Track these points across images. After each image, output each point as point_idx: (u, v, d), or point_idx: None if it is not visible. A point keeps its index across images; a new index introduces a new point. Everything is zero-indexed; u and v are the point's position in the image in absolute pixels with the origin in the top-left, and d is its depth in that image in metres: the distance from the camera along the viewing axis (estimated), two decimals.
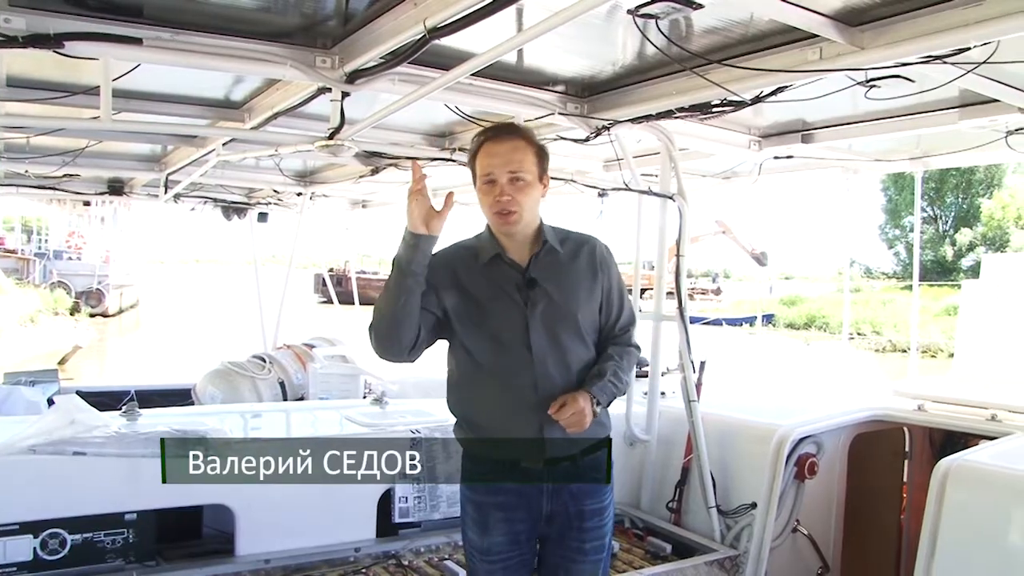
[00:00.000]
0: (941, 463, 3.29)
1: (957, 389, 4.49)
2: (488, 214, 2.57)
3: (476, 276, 2.59)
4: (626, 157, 4.25)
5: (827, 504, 4.42)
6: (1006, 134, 4.21)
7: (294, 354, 6.80)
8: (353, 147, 3.95)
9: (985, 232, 38.44)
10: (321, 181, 6.89)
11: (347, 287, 10.29)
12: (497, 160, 2.51)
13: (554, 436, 2.52)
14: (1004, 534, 3.07)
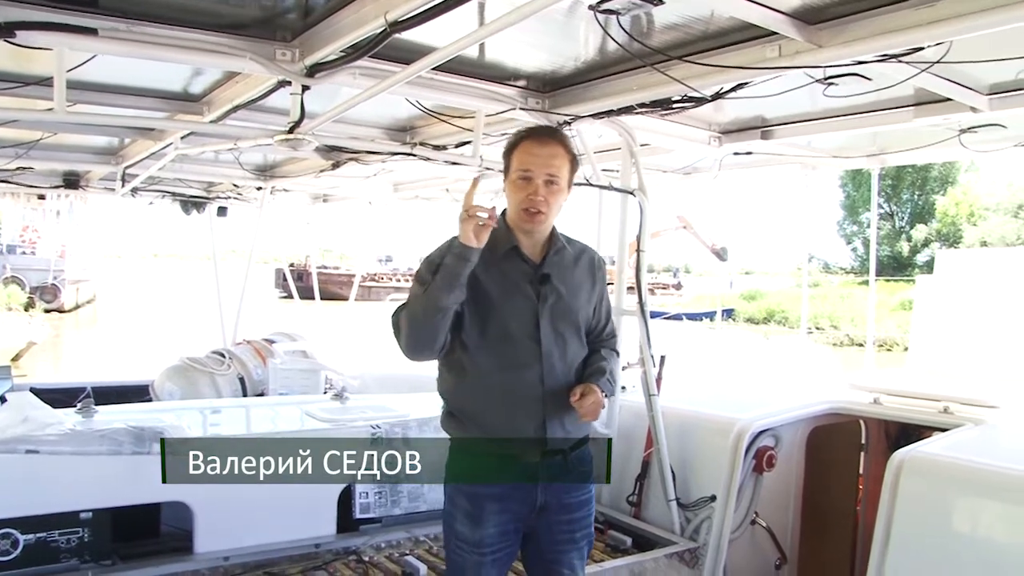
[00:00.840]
0: (895, 455, 3.35)
1: (911, 382, 4.57)
2: (516, 209, 2.64)
3: (490, 267, 2.63)
4: (587, 152, 4.26)
5: (785, 496, 4.48)
6: (959, 132, 4.29)
7: (254, 349, 6.74)
8: (313, 141, 3.92)
9: (940, 228, 39.09)
10: (281, 175, 6.82)
11: (308, 282, 10.23)
12: (537, 160, 2.60)
13: (554, 429, 2.62)
14: (954, 522, 3.14)
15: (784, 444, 4.28)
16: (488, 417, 2.65)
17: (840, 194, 44.01)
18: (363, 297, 27.02)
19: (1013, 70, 3.41)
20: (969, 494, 3.17)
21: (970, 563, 3.05)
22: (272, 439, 3.90)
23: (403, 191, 7.43)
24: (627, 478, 4.41)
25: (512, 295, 2.65)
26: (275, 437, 3.98)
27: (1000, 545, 3.05)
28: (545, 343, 2.62)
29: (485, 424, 2.65)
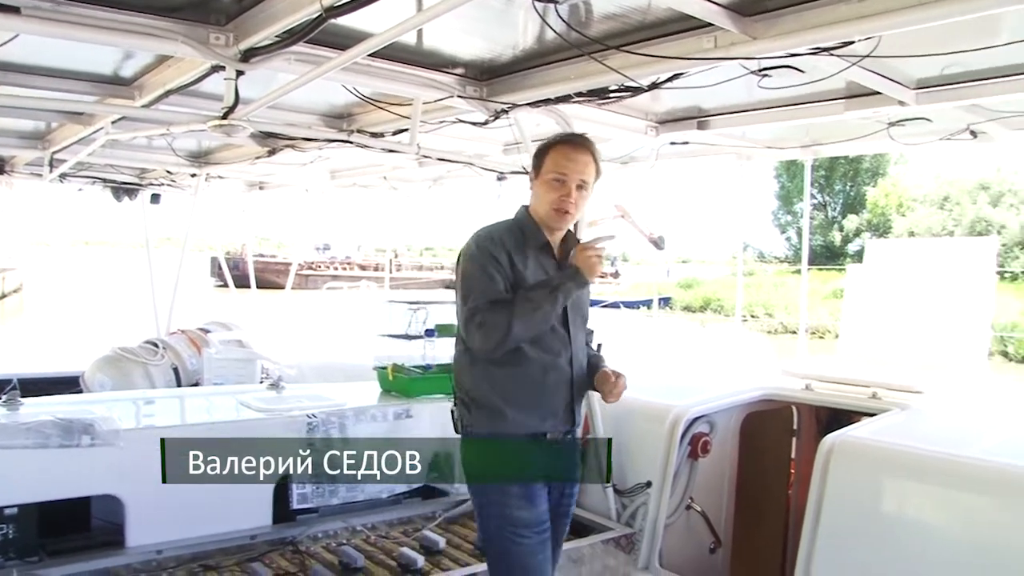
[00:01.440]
0: (825, 439, 3.43)
1: (841, 369, 4.67)
2: (547, 208, 2.85)
3: (527, 260, 2.85)
4: (525, 141, 4.27)
5: (720, 481, 4.55)
6: (887, 125, 4.40)
7: (188, 339, 6.65)
8: (248, 127, 3.86)
9: (870, 219, 39.96)
10: (216, 162, 6.70)
11: (244, 270, 10.10)
12: (573, 166, 2.82)
13: (578, 409, 2.92)
14: (881, 503, 3.23)
15: (719, 430, 4.34)
16: (530, 400, 2.83)
17: (775, 184, 44.77)
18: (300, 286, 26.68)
19: (939, 66, 3.50)
20: (895, 476, 3.26)
21: (896, 542, 3.14)
22: (206, 429, 3.87)
23: (340, 179, 7.36)
24: None
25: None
26: (209, 427, 3.92)
27: (924, 524, 3.15)
28: (572, 331, 2.89)
29: (527, 407, 2.83)
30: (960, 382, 4.52)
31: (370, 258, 48.08)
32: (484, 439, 2.88)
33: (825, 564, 3.29)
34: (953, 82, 3.67)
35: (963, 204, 36.00)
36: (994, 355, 22.67)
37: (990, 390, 4.76)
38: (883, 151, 31.91)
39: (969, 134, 4.38)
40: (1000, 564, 2.87)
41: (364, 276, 32.35)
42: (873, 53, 3.05)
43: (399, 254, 50.03)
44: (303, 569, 3.44)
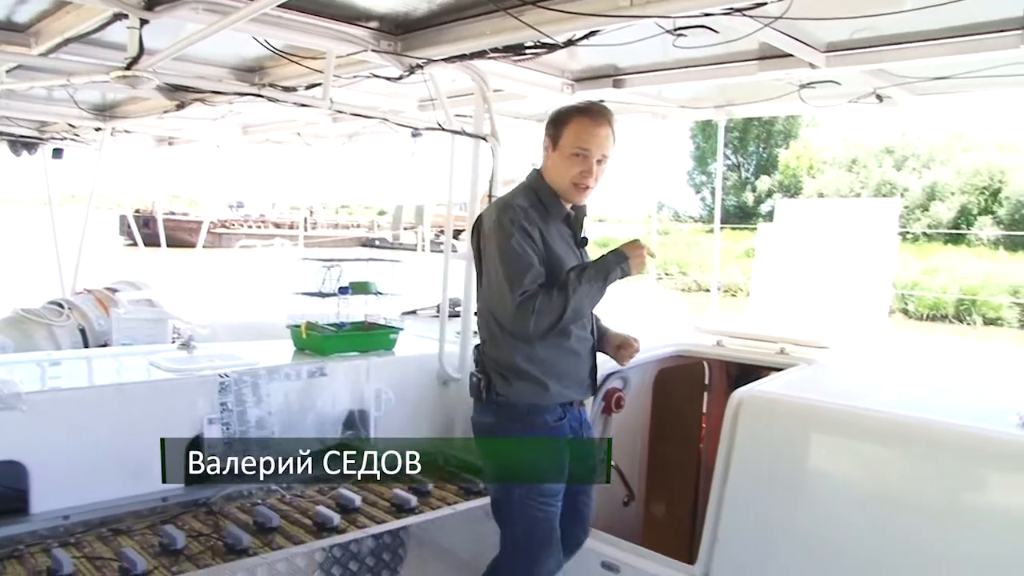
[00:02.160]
0: (735, 394, 3.52)
1: (752, 325, 4.79)
2: (566, 181, 2.89)
3: (551, 231, 2.91)
4: (440, 97, 4.23)
5: (633, 436, 4.64)
6: (799, 87, 4.47)
7: (95, 299, 6.44)
8: (154, 79, 3.72)
9: (782, 180, 40.84)
10: (122, 116, 6.47)
11: (154, 229, 9.83)
12: (594, 141, 2.86)
13: (590, 377, 3.05)
14: (787, 455, 3.34)
15: (632, 386, 4.41)
16: (569, 370, 2.97)
17: (690, 145, 45.36)
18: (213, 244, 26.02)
19: (848, 30, 3.57)
20: (801, 429, 3.36)
21: (801, 492, 3.25)
22: (115, 391, 3.77)
23: (253, 134, 7.19)
24: None
25: (570, 256, 2.96)
26: (118, 389, 3.82)
27: (828, 474, 3.27)
28: None
29: (566, 377, 2.96)
30: (863, 338, 4.68)
31: (285, 216, 47.26)
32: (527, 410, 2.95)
33: (733, 514, 3.39)
34: (861, 46, 3.75)
35: (869, 167, 37.07)
36: (895, 312, 23.57)
37: (891, 346, 4.94)
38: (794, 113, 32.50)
39: (875, 98, 4.49)
40: (898, 510, 3.00)
41: (278, 234, 31.81)
42: (785, 15, 3.09)
43: (315, 212, 49.29)
44: (217, 530, 3.39)
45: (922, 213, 33.39)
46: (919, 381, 4.02)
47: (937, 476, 2.94)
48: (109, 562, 3.04)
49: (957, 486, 2.91)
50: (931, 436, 3.02)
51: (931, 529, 2.90)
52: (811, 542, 3.17)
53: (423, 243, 24.37)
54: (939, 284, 25.72)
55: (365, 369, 4.19)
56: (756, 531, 3.34)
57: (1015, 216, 31.07)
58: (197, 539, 3.29)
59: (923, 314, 25.24)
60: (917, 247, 30.10)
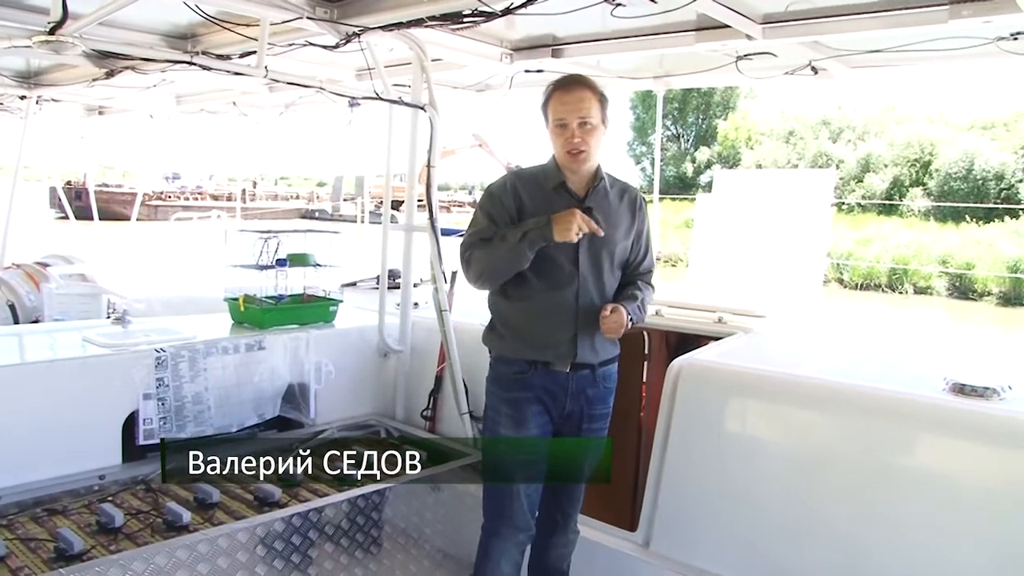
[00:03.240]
0: (674, 363, 3.57)
1: (690, 295, 4.84)
2: (560, 153, 3.01)
3: (539, 201, 3.03)
4: (377, 66, 4.16)
5: None
6: (736, 59, 4.51)
7: (25, 274, 6.26)
8: (79, 45, 3.60)
9: (721, 151, 41.30)
10: (49, 83, 6.26)
11: (86, 201, 9.59)
12: (568, 107, 2.95)
13: (583, 344, 3.02)
14: (725, 422, 3.40)
15: None
16: (529, 330, 3.07)
17: (630, 116, 45.58)
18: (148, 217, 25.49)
19: (784, 1, 3.61)
20: (738, 396, 3.43)
21: (740, 459, 3.32)
22: (47, 367, 3.68)
23: (186, 104, 7.02)
24: (421, 393, 4.47)
25: None
26: (50, 365, 3.73)
27: (764, 441, 3.34)
28: (583, 268, 3.01)
29: (526, 336, 3.07)
30: (798, 307, 4.76)
31: (222, 188, 46.45)
32: (495, 358, 3.18)
33: (673, 482, 3.45)
34: (797, 18, 3.78)
35: (806, 139, 37.65)
36: (830, 282, 24.11)
37: (825, 314, 5.05)
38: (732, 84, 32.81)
39: (811, 70, 4.54)
40: (831, 473, 3.08)
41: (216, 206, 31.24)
42: None
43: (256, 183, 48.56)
44: (157, 507, 3.35)
45: (856, 184, 34.08)
46: (852, 349, 4.12)
47: (868, 440, 3.03)
48: (44, 543, 2.98)
49: (887, 449, 3.00)
50: (862, 402, 3.10)
51: (862, 491, 2.99)
52: (748, 507, 3.25)
53: (363, 214, 24.17)
54: (872, 254, 26.35)
55: (305, 342, 4.16)
56: (695, 498, 3.41)
57: (944, 188, 31.88)
58: (136, 517, 3.24)
59: (857, 283, 25.85)
60: (851, 218, 30.77)
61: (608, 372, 3.17)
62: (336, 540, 3.61)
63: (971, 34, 3.65)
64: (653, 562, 3.43)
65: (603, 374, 3.14)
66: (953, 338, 4.57)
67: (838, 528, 3.01)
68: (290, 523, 3.43)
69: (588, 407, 3.13)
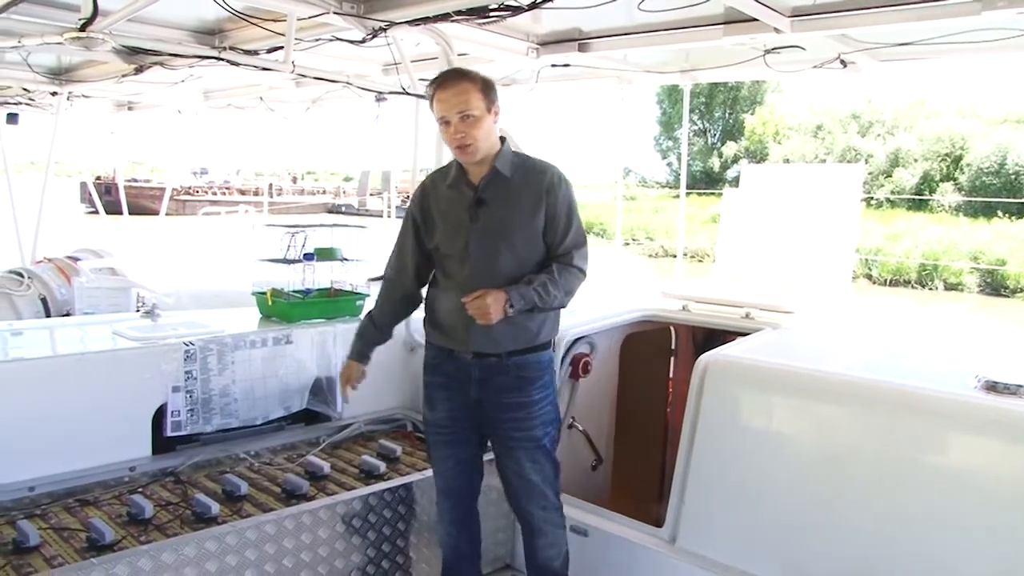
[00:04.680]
0: (701, 358, 3.55)
1: (717, 290, 4.82)
2: (451, 149, 3.02)
3: (440, 196, 3.13)
4: (404, 61, 4.18)
5: (600, 401, 4.67)
6: (764, 52, 4.48)
7: (56, 268, 6.34)
8: (109, 41, 3.63)
9: (748, 146, 41.05)
10: (79, 79, 6.33)
11: (116, 196, 9.70)
12: (447, 104, 2.94)
13: (477, 335, 3.01)
14: (752, 419, 3.38)
15: (599, 351, 4.44)
16: (435, 317, 3.18)
17: (657, 110, 45.43)
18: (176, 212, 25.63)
19: None
20: (766, 392, 3.40)
21: (766, 455, 3.29)
22: (77, 360, 3.72)
23: (214, 99, 7.08)
24: None
25: (449, 219, 3.09)
26: (80, 358, 3.77)
27: (791, 437, 3.31)
28: (473, 257, 3.01)
29: (435, 323, 3.19)
30: (827, 303, 4.73)
31: (249, 182, 46.77)
32: (426, 340, 3.30)
33: (700, 477, 3.44)
34: (826, 11, 3.75)
35: (835, 133, 37.34)
36: (859, 277, 23.89)
37: (854, 310, 5.00)
38: (759, 78, 32.65)
39: (839, 63, 4.51)
40: (860, 471, 3.05)
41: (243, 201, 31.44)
42: None
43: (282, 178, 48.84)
44: (185, 499, 3.38)
45: (885, 179, 33.74)
46: (881, 345, 4.08)
47: (898, 438, 3.00)
48: (76, 532, 3.02)
49: (917, 448, 2.97)
50: (891, 399, 3.06)
51: (892, 489, 2.96)
52: (776, 504, 3.23)
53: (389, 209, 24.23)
54: (902, 249, 26.05)
55: (332, 336, 4.17)
56: (722, 494, 3.39)
57: (975, 183, 31.51)
58: (165, 508, 3.27)
59: (886, 279, 25.59)
60: (880, 213, 30.46)
61: (524, 361, 3.11)
62: (363, 533, 3.63)
63: (1005, 25, 3.61)
64: (679, 558, 3.42)
65: (517, 363, 3.09)
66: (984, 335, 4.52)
67: (866, 526, 2.98)
68: (317, 516, 3.45)
69: (499, 396, 3.11)
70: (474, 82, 2.95)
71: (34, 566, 2.76)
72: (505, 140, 3.10)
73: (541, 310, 3.04)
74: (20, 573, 2.70)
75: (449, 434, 3.23)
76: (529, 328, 3.08)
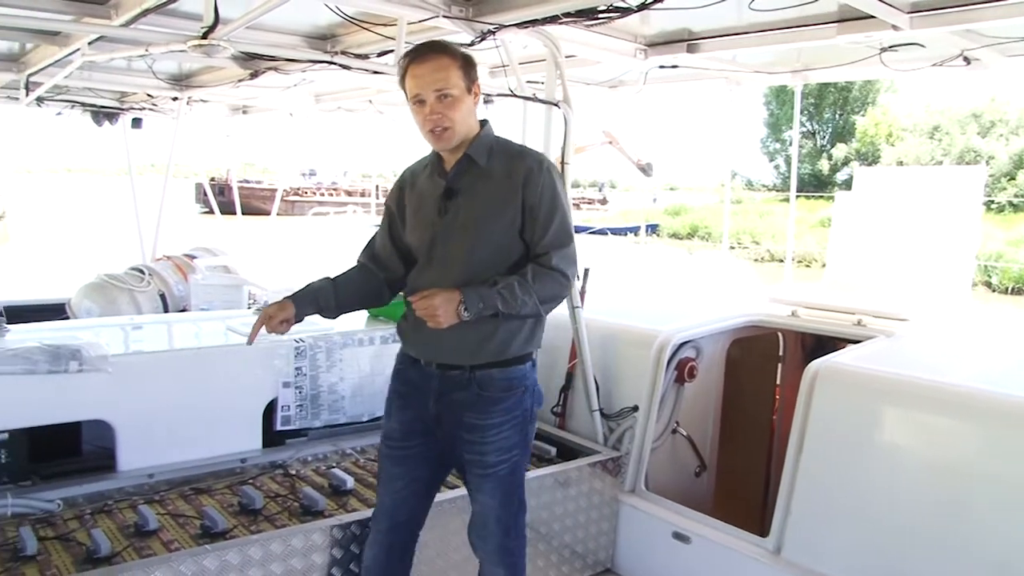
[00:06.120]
0: (810, 366, 3.46)
1: (827, 296, 4.69)
2: (423, 133, 2.63)
3: (415, 188, 2.78)
4: (511, 63, 4.19)
5: (705, 406, 4.60)
6: (880, 51, 4.33)
7: (174, 265, 6.60)
8: (229, 48, 3.77)
9: (859, 148, 39.86)
10: (198, 85, 6.59)
11: (229, 196, 10.04)
12: (422, 80, 2.55)
13: (442, 339, 2.60)
14: (864, 429, 3.27)
15: (705, 356, 4.38)
16: (403, 323, 2.82)
17: (764, 112, 44.55)
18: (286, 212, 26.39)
19: None
20: (879, 402, 3.29)
21: (877, 468, 3.18)
22: (194, 355, 3.88)
23: (325, 102, 7.25)
24: (552, 389, 4.47)
25: (418, 212, 2.74)
26: (197, 353, 3.92)
27: (905, 450, 3.19)
28: (437, 258, 2.67)
29: (402, 329, 2.83)
30: (944, 310, 4.55)
31: (357, 184, 47.80)
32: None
33: (807, 488, 3.35)
34: (948, 5, 3.60)
35: (953, 134, 35.89)
36: (978, 285, 22.87)
37: (973, 319, 4.80)
38: (874, 77, 31.67)
39: (963, 60, 4.32)
40: (977, 487, 2.92)
41: (351, 202, 32.13)
42: None
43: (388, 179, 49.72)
44: (293, 492, 3.48)
45: (1008, 182, 32.25)
46: (1002, 356, 3.90)
47: (1018, 453, 2.85)
48: (191, 519, 3.15)
49: None
50: (1013, 412, 2.92)
51: (1013, 509, 2.82)
52: (886, 519, 3.11)
53: None
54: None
55: None
56: (830, 506, 3.29)
57: None
58: (274, 500, 3.38)
59: (1007, 287, 24.38)
60: (1002, 217, 29.08)
61: (487, 377, 2.66)
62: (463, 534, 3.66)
63: None
64: (784, 570, 3.33)
65: (480, 378, 2.65)
66: None
67: (986, 547, 2.85)
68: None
69: (460, 414, 2.68)
70: (454, 57, 2.57)
71: (153, 549, 2.90)
72: (486, 123, 2.74)
73: (507, 317, 2.57)
74: (141, 555, 2.84)
75: (400, 449, 2.80)
76: (497, 338, 2.63)
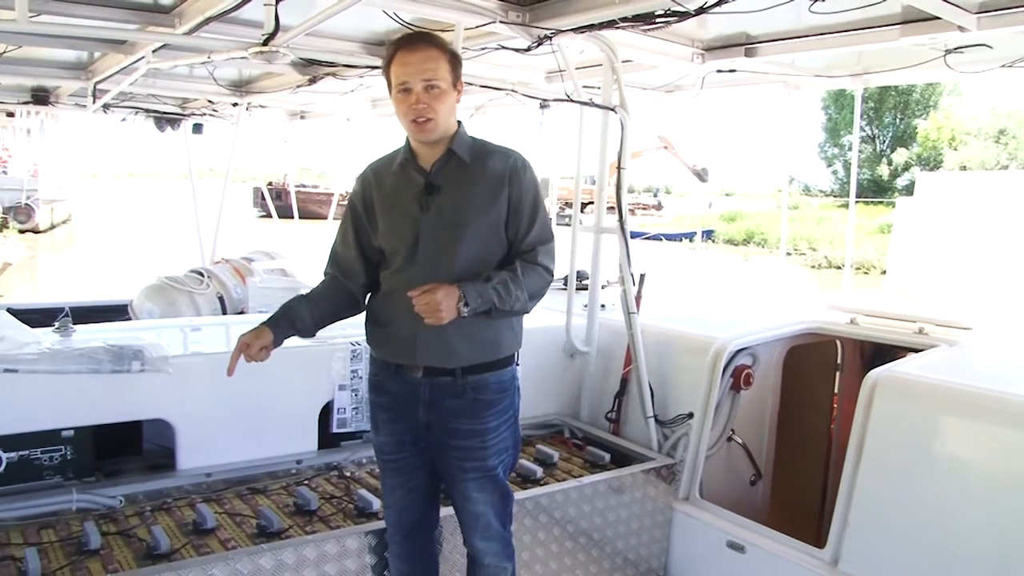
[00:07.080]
0: (870, 374, 3.39)
1: (888, 303, 4.61)
2: (404, 123, 2.59)
3: (387, 183, 2.69)
4: (568, 68, 4.18)
5: (761, 414, 4.54)
6: (944, 53, 4.24)
7: (232, 268, 6.70)
8: (289, 54, 3.81)
9: (920, 152, 39.10)
10: (257, 91, 6.70)
11: (287, 201, 10.17)
12: (412, 69, 2.50)
13: (426, 345, 2.58)
14: (925, 440, 3.20)
15: (761, 363, 4.32)
16: (377, 325, 2.74)
17: (822, 116, 43.95)
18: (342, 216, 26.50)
19: None
20: (941, 413, 3.22)
21: (939, 479, 3.11)
22: None
23: (381, 108, 7.32)
24: (606, 395, 4.46)
25: (395, 210, 2.66)
26: None
27: (967, 462, 3.11)
28: (423, 253, 2.59)
29: (376, 332, 2.75)
30: (1010, 319, 4.44)
31: None
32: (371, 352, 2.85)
33: (866, 499, 3.28)
34: (1018, 5, 3.50)
35: (1020, 138, 35.04)
36: None
37: None
38: (938, 80, 30.98)
39: None
40: None
41: None
42: None
43: None
44: (348, 493, 3.51)
45: None
46: None
47: None
48: (248, 519, 3.19)
49: None
50: None
51: None
52: (947, 532, 3.04)
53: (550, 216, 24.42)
54: None
55: None
56: (889, 517, 3.22)
57: None
58: (329, 501, 3.41)
59: None
60: None
61: (481, 382, 2.63)
62: (518, 536, 3.65)
63: None
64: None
65: (473, 384, 2.62)
66: None
67: None
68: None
69: (450, 421, 2.64)
70: (443, 51, 2.54)
71: (211, 547, 2.94)
72: (462, 124, 2.69)
73: (500, 313, 2.54)
74: (199, 552, 2.88)
75: (395, 461, 2.76)
76: (487, 338, 2.62)
